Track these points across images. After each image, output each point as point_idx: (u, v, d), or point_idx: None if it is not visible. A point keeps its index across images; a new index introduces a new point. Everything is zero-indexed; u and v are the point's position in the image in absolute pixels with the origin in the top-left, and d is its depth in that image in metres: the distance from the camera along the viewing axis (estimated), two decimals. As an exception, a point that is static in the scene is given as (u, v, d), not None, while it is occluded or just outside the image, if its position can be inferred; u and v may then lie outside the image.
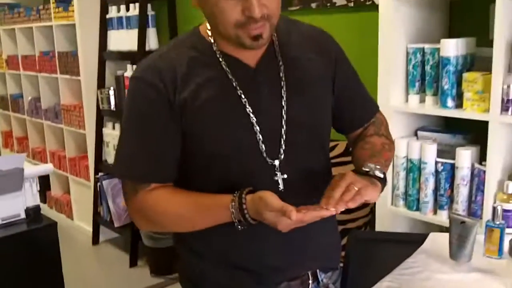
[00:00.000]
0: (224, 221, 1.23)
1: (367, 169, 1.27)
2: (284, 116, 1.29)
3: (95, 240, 4.22)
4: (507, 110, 1.90)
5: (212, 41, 1.28)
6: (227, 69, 1.26)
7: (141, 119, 1.29)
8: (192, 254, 1.39)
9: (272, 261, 1.33)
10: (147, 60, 1.30)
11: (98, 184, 4.00)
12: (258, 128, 1.26)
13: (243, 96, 1.25)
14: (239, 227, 1.23)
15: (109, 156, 3.95)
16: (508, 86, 1.88)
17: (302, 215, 1.12)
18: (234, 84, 1.26)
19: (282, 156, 1.29)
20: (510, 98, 1.89)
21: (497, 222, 1.54)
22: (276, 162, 1.28)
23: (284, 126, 1.29)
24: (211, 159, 1.28)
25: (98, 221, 4.16)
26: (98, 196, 4.06)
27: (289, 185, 1.29)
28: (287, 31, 1.35)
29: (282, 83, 1.29)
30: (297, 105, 1.30)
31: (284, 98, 1.29)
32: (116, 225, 3.93)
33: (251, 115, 1.26)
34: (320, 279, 1.41)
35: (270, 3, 1.17)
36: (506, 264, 1.46)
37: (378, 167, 1.27)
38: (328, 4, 2.79)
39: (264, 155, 1.27)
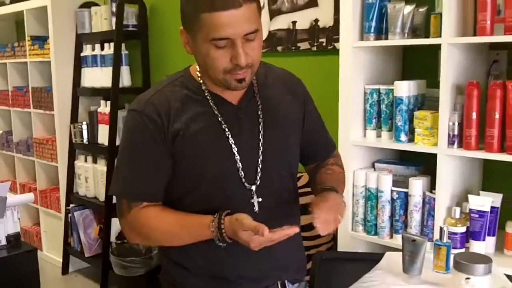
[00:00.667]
0: (206, 238, 1.39)
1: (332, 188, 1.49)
2: (261, 148, 1.45)
3: (65, 270, 4.24)
4: (453, 144, 2.05)
5: (201, 81, 1.45)
6: (214, 106, 1.43)
7: (138, 146, 1.44)
8: (175, 265, 1.53)
9: (248, 273, 1.49)
10: (145, 95, 1.46)
11: (69, 215, 4.04)
12: (238, 157, 1.42)
13: (226, 130, 1.42)
14: (219, 244, 1.38)
15: (81, 188, 4.01)
16: (453, 123, 2.03)
17: (272, 234, 1.28)
18: (219, 119, 1.43)
19: (258, 182, 1.45)
20: (455, 133, 2.03)
21: (444, 241, 1.70)
22: (253, 187, 1.45)
23: (261, 156, 1.45)
24: (197, 182, 1.44)
25: (68, 251, 4.19)
26: (69, 227, 4.10)
27: (263, 207, 1.46)
28: (265, 74, 1.54)
29: (260, 119, 1.47)
30: (272, 139, 1.47)
31: (261, 132, 1.46)
32: (86, 255, 3.98)
33: (233, 145, 1.42)
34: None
35: (253, 53, 1.34)
36: (452, 277, 1.62)
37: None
38: (293, 48, 2.92)
39: (243, 180, 1.43)
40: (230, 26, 1.29)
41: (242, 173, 1.44)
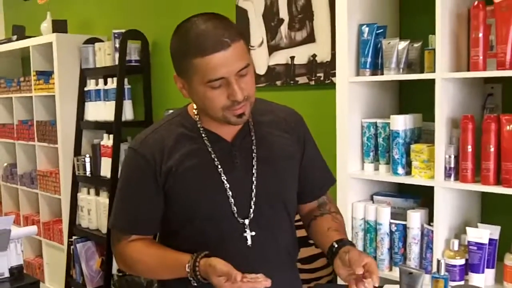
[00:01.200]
0: (183, 276, 1.42)
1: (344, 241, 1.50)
2: (254, 182, 1.49)
3: (67, 303, 4.24)
4: (449, 176, 2.07)
5: (197, 119, 1.50)
6: (208, 143, 1.48)
7: (131, 182, 1.52)
8: None
9: None
10: (142, 135, 1.53)
11: (72, 247, 4.07)
12: (230, 193, 1.46)
13: (219, 166, 1.47)
14: (194, 284, 1.41)
15: (83, 220, 4.04)
16: (450, 156, 2.05)
17: (241, 283, 1.30)
18: (212, 156, 1.47)
19: (252, 216, 1.48)
20: (452, 166, 2.05)
21: (441, 274, 1.72)
22: (246, 221, 1.48)
23: (254, 191, 1.49)
24: (190, 217, 1.48)
25: (70, 283, 4.19)
26: (71, 259, 4.11)
27: (256, 241, 1.48)
28: (262, 111, 1.58)
29: (254, 154, 1.51)
30: (265, 174, 1.51)
31: (255, 167, 1.50)
32: (88, 287, 3.98)
33: (225, 182, 1.46)
34: None
35: (247, 86, 1.39)
36: None
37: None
38: (292, 82, 2.97)
39: (235, 215, 1.47)
40: (223, 66, 1.34)
41: (235, 208, 1.47)
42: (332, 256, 1.47)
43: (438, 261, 1.74)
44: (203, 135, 1.49)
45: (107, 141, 3.81)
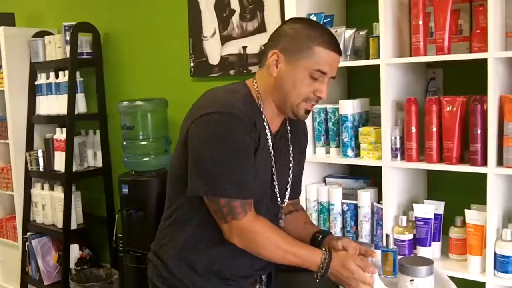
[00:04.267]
0: (305, 266, 1.56)
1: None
2: (290, 175, 1.70)
3: (24, 300, 4.19)
4: (396, 156, 2.17)
5: (261, 104, 1.60)
6: (268, 131, 1.61)
7: (237, 143, 1.49)
8: (179, 261, 1.64)
9: (240, 273, 1.67)
10: (228, 100, 1.53)
11: (27, 243, 4.01)
12: (275, 175, 1.64)
13: (272, 152, 1.62)
14: (318, 278, 1.55)
15: (38, 215, 3.98)
16: (395, 137, 2.16)
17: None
18: (270, 142, 1.61)
19: (286, 201, 1.69)
20: (398, 147, 2.16)
21: (390, 247, 1.78)
22: (283, 205, 1.68)
23: (290, 180, 1.71)
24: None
25: (26, 280, 4.14)
26: (27, 256, 4.06)
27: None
28: None
29: (291, 150, 1.70)
30: (295, 164, 1.72)
31: (292, 156, 1.70)
32: (45, 283, 3.94)
33: (274, 166, 1.63)
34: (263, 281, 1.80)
35: (327, 92, 1.59)
36: (398, 280, 1.68)
37: None
38: (245, 71, 3.03)
39: (278, 198, 1.67)
40: (332, 66, 1.56)
41: (277, 190, 1.65)
42: (318, 244, 1.71)
43: (387, 236, 1.81)
44: (264, 123, 1.60)
45: (60, 135, 3.77)
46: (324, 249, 1.55)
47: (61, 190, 3.80)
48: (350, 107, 2.30)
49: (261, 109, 1.59)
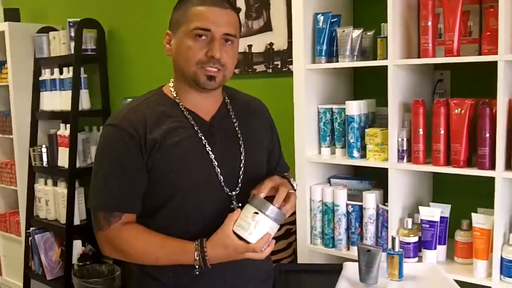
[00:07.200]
0: (182, 262, 1.45)
1: (286, 175, 1.62)
2: (242, 159, 1.56)
3: (26, 294, 4.19)
4: (402, 158, 2.15)
5: (175, 95, 1.55)
6: (190, 116, 1.52)
7: (114, 159, 1.48)
8: (147, 276, 1.57)
9: (217, 282, 1.54)
10: (120, 112, 1.53)
11: (30, 238, 4.01)
12: (216, 163, 1.51)
13: (203, 138, 1.51)
14: (196, 270, 1.44)
15: (41, 211, 3.99)
16: (402, 139, 2.14)
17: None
18: (196, 128, 1.52)
19: (238, 190, 1.54)
20: (404, 148, 2.14)
21: (396, 250, 1.76)
22: (233, 193, 1.53)
23: (242, 168, 1.56)
24: (171, 194, 1.49)
25: (29, 275, 4.14)
26: (30, 250, 4.07)
27: None
28: (236, 97, 1.67)
29: (239, 136, 1.58)
30: (248, 154, 1.58)
31: (242, 147, 1.57)
32: (48, 278, 3.95)
33: (210, 153, 1.51)
34: None
35: (228, 55, 1.48)
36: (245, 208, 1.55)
37: (291, 178, 1.62)
38: (250, 70, 3.01)
39: (223, 186, 1.52)
40: (214, 21, 1.45)
41: (222, 178, 1.52)
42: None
43: (393, 238, 1.79)
44: (184, 112, 1.53)
45: (64, 131, 3.78)
46: (196, 243, 1.45)
47: (64, 186, 3.81)
48: (356, 108, 2.28)
49: (177, 102, 1.54)
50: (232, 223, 1.42)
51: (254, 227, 1.41)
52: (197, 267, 1.44)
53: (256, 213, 1.42)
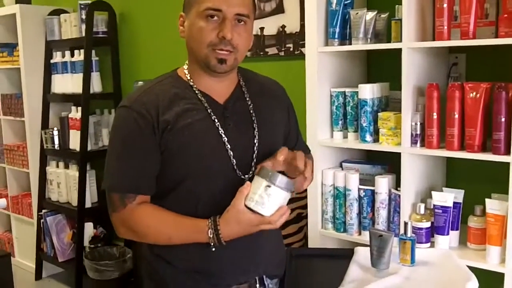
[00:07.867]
0: (197, 241, 1.45)
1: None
2: (256, 143, 1.53)
3: (38, 275, 4.24)
4: (415, 143, 2.14)
5: (189, 77, 1.53)
6: (203, 99, 1.50)
7: (127, 140, 1.47)
8: (158, 258, 1.56)
9: (229, 267, 1.53)
10: (133, 94, 1.52)
11: (42, 220, 4.05)
12: (229, 146, 1.48)
13: (216, 121, 1.49)
14: (212, 248, 1.44)
15: (53, 193, 4.03)
16: (416, 123, 2.12)
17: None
18: (209, 111, 1.49)
19: (251, 173, 1.51)
20: (418, 133, 2.13)
21: (408, 235, 1.74)
22: (246, 177, 1.50)
23: (255, 151, 1.52)
24: (183, 175, 1.48)
25: (41, 256, 4.19)
26: (42, 233, 4.10)
27: None
28: (251, 79, 1.63)
29: (253, 118, 1.55)
30: (264, 137, 1.54)
31: (256, 130, 1.53)
32: (60, 260, 3.99)
33: (223, 136, 1.48)
34: (266, 284, 1.62)
35: (240, 38, 1.44)
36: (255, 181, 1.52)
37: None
38: (262, 53, 3.00)
39: (236, 169, 1.49)
40: (225, 1, 1.41)
41: (234, 161, 1.49)
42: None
43: (405, 223, 1.77)
44: (198, 95, 1.51)
45: (75, 113, 3.78)
46: (209, 221, 1.44)
47: (75, 169, 3.82)
48: (369, 91, 2.26)
49: (191, 84, 1.52)
50: (243, 197, 1.40)
51: (268, 200, 1.40)
52: (212, 244, 1.44)
53: (268, 186, 1.40)
